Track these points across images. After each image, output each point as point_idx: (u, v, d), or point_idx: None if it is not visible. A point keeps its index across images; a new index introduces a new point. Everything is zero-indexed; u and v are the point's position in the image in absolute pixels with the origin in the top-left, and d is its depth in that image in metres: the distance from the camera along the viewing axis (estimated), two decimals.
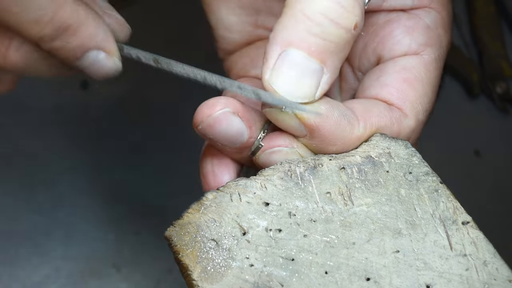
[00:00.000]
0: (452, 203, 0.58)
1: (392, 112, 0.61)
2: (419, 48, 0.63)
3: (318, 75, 0.56)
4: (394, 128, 0.61)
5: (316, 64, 0.56)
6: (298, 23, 0.55)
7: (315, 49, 0.55)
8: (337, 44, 0.56)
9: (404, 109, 0.62)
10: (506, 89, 1.04)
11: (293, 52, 0.55)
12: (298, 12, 0.55)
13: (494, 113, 1.04)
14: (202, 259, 0.56)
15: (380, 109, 0.61)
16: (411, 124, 0.62)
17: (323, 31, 0.55)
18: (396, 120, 0.61)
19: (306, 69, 0.56)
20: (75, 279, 0.94)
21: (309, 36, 0.55)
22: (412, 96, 0.62)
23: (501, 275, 0.56)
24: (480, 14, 1.07)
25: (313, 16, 0.54)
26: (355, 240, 0.57)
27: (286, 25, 0.55)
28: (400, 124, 0.61)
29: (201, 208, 0.57)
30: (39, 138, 1.00)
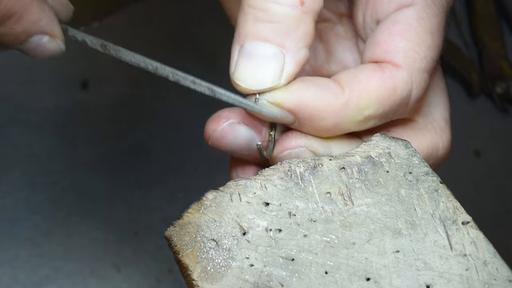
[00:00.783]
0: (452, 203, 0.58)
1: (382, 69, 0.60)
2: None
3: (278, 59, 0.57)
4: (388, 84, 0.59)
5: (273, 49, 0.56)
6: (247, 15, 0.56)
7: (267, 34, 0.56)
8: (288, 24, 0.56)
9: (395, 61, 0.60)
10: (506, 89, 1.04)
11: (248, 44, 0.56)
12: (245, 5, 0.56)
13: (494, 113, 1.04)
14: (202, 259, 0.56)
15: (368, 71, 0.59)
16: (405, 75, 0.60)
17: (268, 15, 0.56)
18: (388, 76, 0.59)
19: (264, 56, 0.56)
20: (75, 279, 0.94)
21: (258, 24, 0.56)
22: (403, 47, 0.60)
23: (501, 275, 0.56)
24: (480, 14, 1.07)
25: (256, 4, 0.56)
26: (355, 240, 0.57)
27: (239, 22, 0.57)
28: (393, 79, 0.59)
29: (201, 208, 0.57)
30: (39, 138, 1.00)
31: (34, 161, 0.99)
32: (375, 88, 0.59)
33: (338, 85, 0.58)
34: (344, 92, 0.58)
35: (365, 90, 0.59)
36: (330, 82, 0.58)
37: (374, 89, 0.59)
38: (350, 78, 0.59)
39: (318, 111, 0.58)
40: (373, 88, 0.59)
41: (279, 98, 0.57)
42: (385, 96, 0.59)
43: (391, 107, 0.60)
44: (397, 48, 0.60)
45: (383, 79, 0.59)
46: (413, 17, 0.61)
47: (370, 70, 0.60)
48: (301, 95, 0.57)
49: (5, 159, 0.99)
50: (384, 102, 0.59)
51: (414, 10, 0.61)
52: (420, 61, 0.61)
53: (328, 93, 0.58)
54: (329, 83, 0.58)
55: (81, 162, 0.99)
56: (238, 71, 0.57)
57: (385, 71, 0.60)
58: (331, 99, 0.58)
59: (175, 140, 0.99)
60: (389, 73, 0.60)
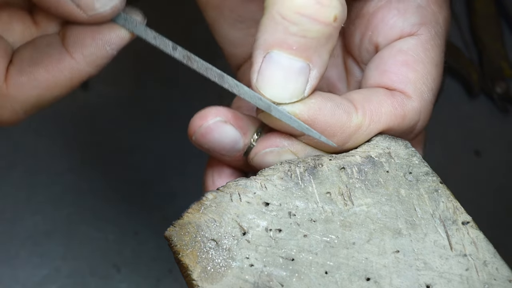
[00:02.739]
0: (452, 203, 0.58)
1: (394, 96, 0.60)
2: (413, 28, 0.62)
3: (305, 73, 0.56)
4: (398, 112, 0.60)
5: (301, 62, 0.56)
6: (277, 25, 0.55)
7: (297, 48, 0.55)
8: (319, 39, 0.55)
9: (406, 91, 0.61)
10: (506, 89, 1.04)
11: (275, 53, 0.55)
12: (275, 14, 0.55)
13: (494, 113, 1.04)
14: (202, 259, 0.56)
15: (380, 96, 0.60)
16: (416, 105, 0.61)
17: (301, 29, 0.55)
18: (399, 103, 0.60)
19: (291, 68, 0.56)
20: (75, 279, 0.94)
21: (289, 36, 0.55)
22: (413, 77, 0.61)
23: (501, 275, 0.56)
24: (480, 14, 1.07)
25: (290, 16, 0.54)
26: (355, 240, 0.57)
27: (266, 27, 0.55)
28: (404, 107, 0.60)
29: (201, 208, 0.57)
30: (39, 138, 1.00)
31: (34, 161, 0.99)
32: (386, 114, 0.60)
33: (350, 104, 0.59)
34: (358, 113, 0.59)
35: (376, 115, 0.59)
36: (345, 101, 0.59)
37: (385, 115, 0.60)
38: (363, 98, 0.59)
39: (331, 128, 0.58)
40: (384, 114, 0.59)
41: (297, 109, 0.57)
42: (394, 123, 0.60)
43: (397, 132, 0.61)
44: (407, 79, 0.61)
45: (394, 106, 0.60)
46: (419, 48, 0.62)
47: (382, 94, 0.60)
48: (318, 109, 0.57)
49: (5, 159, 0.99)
50: (393, 128, 0.60)
51: (420, 41, 0.62)
52: (427, 93, 0.62)
53: (344, 112, 0.58)
54: (345, 102, 0.58)
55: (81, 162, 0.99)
56: (263, 80, 0.56)
57: (396, 98, 0.60)
58: (345, 119, 0.58)
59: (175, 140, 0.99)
60: (400, 101, 0.60)
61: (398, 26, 0.62)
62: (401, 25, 0.62)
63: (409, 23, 0.62)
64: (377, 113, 0.59)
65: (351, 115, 0.58)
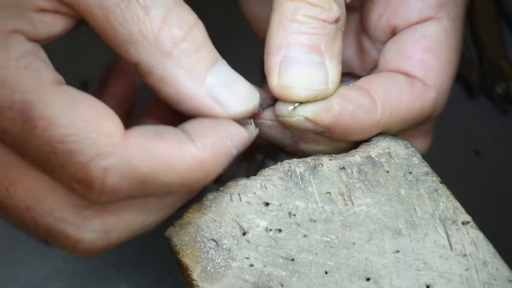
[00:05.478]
0: (452, 203, 0.58)
1: (413, 87, 0.61)
2: (432, 11, 0.63)
3: (323, 66, 0.58)
4: (417, 105, 0.61)
5: (317, 58, 0.58)
6: (287, 29, 0.58)
7: (311, 44, 0.57)
8: (327, 35, 0.58)
9: (426, 80, 0.61)
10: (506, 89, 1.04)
11: (292, 52, 0.58)
12: (282, 19, 0.58)
13: (494, 113, 1.04)
14: (202, 259, 0.56)
15: (400, 88, 0.60)
16: (434, 96, 0.61)
17: (311, 27, 0.57)
18: (417, 95, 0.61)
19: (310, 62, 0.58)
20: (75, 279, 0.94)
21: (301, 35, 0.58)
22: (435, 66, 0.62)
23: (501, 275, 0.56)
24: (480, 14, 1.07)
25: (298, 18, 0.57)
26: (355, 240, 0.57)
27: (277, 32, 0.58)
28: (422, 99, 0.61)
29: (201, 208, 0.57)
30: None
31: None
32: (405, 107, 0.60)
33: (373, 101, 0.59)
34: (378, 111, 0.59)
35: (395, 110, 0.60)
36: (367, 100, 0.59)
37: (404, 108, 0.60)
38: (383, 92, 0.60)
39: (352, 129, 0.59)
40: (403, 106, 0.60)
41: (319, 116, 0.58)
42: (413, 114, 0.61)
43: (415, 123, 0.62)
44: (428, 67, 0.62)
45: (414, 98, 0.61)
46: (441, 34, 0.62)
47: (403, 85, 0.61)
48: (340, 114, 0.58)
49: None
50: (411, 119, 0.61)
51: (441, 25, 0.62)
52: (447, 82, 0.62)
53: (364, 113, 0.59)
54: (366, 101, 0.59)
55: None
56: (285, 77, 0.58)
57: (415, 89, 0.61)
58: (366, 118, 0.59)
59: None
60: (419, 93, 0.61)
61: (417, 8, 0.63)
62: (419, 7, 0.63)
63: (428, 5, 0.63)
64: (396, 109, 0.60)
65: (371, 115, 0.59)
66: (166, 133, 0.53)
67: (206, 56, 0.55)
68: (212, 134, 0.54)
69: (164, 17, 0.54)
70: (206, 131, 0.54)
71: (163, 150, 0.52)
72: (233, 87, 0.56)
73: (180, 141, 0.53)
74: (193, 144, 0.53)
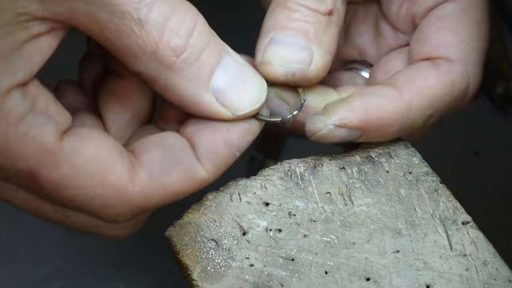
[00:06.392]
0: (452, 203, 0.58)
1: (437, 66, 0.60)
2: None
3: (308, 49, 0.58)
4: (445, 80, 0.59)
5: (303, 41, 0.58)
6: (279, 14, 0.59)
7: (299, 29, 0.58)
8: (318, 25, 0.58)
9: (449, 56, 0.60)
10: (506, 89, 1.04)
11: (279, 34, 0.58)
12: (277, 7, 0.59)
13: (494, 113, 1.04)
14: (202, 259, 0.56)
15: (423, 70, 0.60)
16: (462, 69, 0.60)
17: (302, 15, 0.58)
18: (444, 72, 0.60)
19: (295, 44, 0.58)
20: (75, 279, 0.94)
21: (291, 21, 0.58)
22: (454, 40, 0.61)
23: (501, 275, 0.56)
24: None
25: (290, 5, 0.59)
26: (355, 240, 0.57)
27: (270, 17, 0.59)
28: (449, 74, 0.60)
29: (201, 208, 0.57)
30: None
31: None
32: (434, 86, 0.59)
33: (395, 89, 0.58)
34: (404, 95, 0.58)
35: (424, 90, 0.59)
36: (387, 89, 0.59)
37: (432, 87, 0.59)
38: (406, 79, 0.59)
39: (385, 121, 0.58)
40: (431, 86, 0.59)
41: (346, 118, 0.57)
42: (444, 92, 0.59)
43: (450, 102, 0.60)
44: (448, 42, 0.61)
45: (440, 76, 0.59)
46: (457, 10, 0.62)
47: (424, 68, 0.60)
48: (366, 109, 0.57)
49: None
50: (444, 98, 0.59)
51: (456, 4, 0.62)
52: (472, 53, 0.61)
53: (390, 100, 0.58)
54: (387, 90, 0.58)
55: None
56: (267, 54, 0.58)
57: (439, 68, 0.60)
58: (394, 105, 0.58)
59: None
60: (445, 69, 0.60)
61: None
62: None
63: None
64: (424, 88, 0.59)
65: (399, 101, 0.58)
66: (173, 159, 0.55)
67: (209, 58, 0.54)
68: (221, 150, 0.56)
69: (161, 28, 0.52)
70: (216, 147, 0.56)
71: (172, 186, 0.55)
72: (239, 87, 0.56)
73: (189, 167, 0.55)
74: (202, 167, 0.55)
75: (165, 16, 0.52)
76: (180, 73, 0.54)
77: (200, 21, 0.54)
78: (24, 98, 0.52)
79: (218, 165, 0.56)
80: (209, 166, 0.55)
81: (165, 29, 0.52)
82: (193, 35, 0.53)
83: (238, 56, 0.56)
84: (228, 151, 0.56)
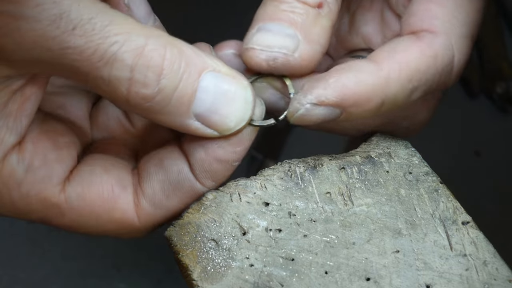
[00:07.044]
0: (452, 203, 0.58)
1: (420, 39, 0.59)
2: None
3: (294, 38, 0.58)
4: (427, 52, 0.58)
5: (289, 30, 0.58)
6: (268, 6, 0.59)
7: (286, 19, 0.58)
8: (306, 16, 0.58)
9: (433, 29, 0.60)
10: (506, 89, 1.04)
11: (267, 24, 0.58)
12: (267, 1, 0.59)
13: (494, 113, 1.04)
14: (202, 259, 0.56)
15: (405, 43, 0.59)
16: (445, 41, 0.59)
17: (290, 6, 0.58)
18: (427, 44, 0.59)
19: (280, 32, 0.58)
20: (75, 279, 0.94)
21: (279, 11, 0.58)
22: (440, 13, 0.60)
23: (501, 275, 0.56)
24: None
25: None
26: (355, 240, 0.57)
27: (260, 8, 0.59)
28: (432, 46, 0.59)
29: (201, 208, 0.57)
30: None
31: None
32: (415, 58, 0.58)
33: (374, 63, 0.58)
34: (382, 68, 0.57)
35: (404, 62, 0.58)
36: (365, 63, 0.58)
37: (414, 59, 0.58)
38: (387, 52, 0.58)
39: (362, 95, 0.57)
40: (412, 58, 0.58)
41: (322, 95, 0.56)
42: (426, 64, 0.58)
43: (434, 75, 0.59)
44: (434, 15, 0.60)
45: (422, 48, 0.58)
46: None
47: (407, 41, 0.59)
48: (342, 85, 0.56)
49: None
50: (427, 71, 0.58)
51: None
52: (459, 27, 0.60)
53: (367, 74, 0.57)
54: (364, 64, 0.58)
55: None
56: (252, 40, 0.58)
57: (423, 40, 0.59)
58: (371, 78, 0.57)
59: None
60: (428, 41, 0.59)
61: None
62: None
63: None
64: (404, 61, 0.58)
65: (375, 74, 0.57)
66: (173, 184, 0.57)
67: (185, 90, 0.54)
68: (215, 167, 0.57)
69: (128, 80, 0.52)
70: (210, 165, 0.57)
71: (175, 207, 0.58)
72: (221, 109, 0.55)
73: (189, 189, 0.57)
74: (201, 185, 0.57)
75: (130, 68, 0.51)
76: (158, 112, 0.54)
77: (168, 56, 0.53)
78: (21, 159, 0.55)
79: (216, 179, 0.57)
80: (207, 183, 0.57)
81: (133, 80, 0.52)
82: (163, 75, 0.53)
83: (222, 67, 0.55)
84: (223, 167, 0.57)
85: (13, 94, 0.53)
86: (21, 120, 0.54)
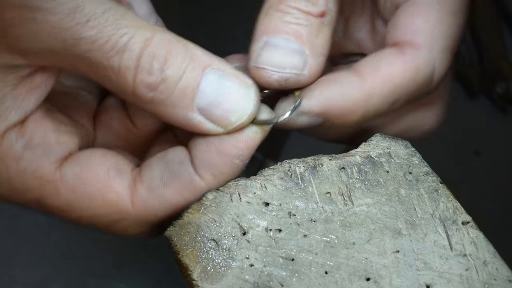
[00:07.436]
0: (452, 203, 0.58)
1: (403, 53, 0.60)
2: None
3: (302, 53, 0.58)
4: (409, 66, 0.60)
5: (296, 45, 0.58)
6: (272, 16, 0.59)
7: (292, 33, 0.58)
8: (310, 27, 0.58)
9: (416, 41, 0.61)
10: (506, 89, 1.04)
11: (273, 38, 0.58)
12: (269, 10, 0.59)
13: (494, 113, 1.04)
14: (202, 259, 0.56)
15: (389, 57, 0.60)
16: (427, 54, 0.61)
17: (294, 18, 0.58)
18: (409, 58, 0.60)
19: (288, 48, 0.58)
20: (75, 279, 0.94)
21: (284, 24, 0.58)
22: (423, 26, 0.61)
23: (501, 275, 0.56)
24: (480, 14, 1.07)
25: (283, 8, 0.59)
26: (355, 240, 0.57)
27: (262, 20, 0.59)
28: (414, 60, 0.60)
29: (201, 208, 0.57)
30: None
31: None
32: (398, 73, 0.60)
33: (358, 76, 0.59)
34: (366, 82, 0.59)
35: (387, 76, 0.59)
36: (351, 76, 0.59)
37: (397, 74, 0.60)
38: (371, 67, 0.60)
39: (346, 108, 0.59)
40: (395, 73, 0.60)
41: (307, 106, 0.58)
42: (408, 79, 0.60)
43: (416, 87, 0.61)
44: (416, 28, 0.61)
45: (405, 62, 0.60)
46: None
47: (390, 55, 0.60)
48: (327, 97, 0.58)
49: None
50: (409, 84, 0.60)
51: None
52: (441, 40, 0.61)
53: (352, 88, 0.59)
54: (350, 76, 0.59)
55: None
56: (261, 58, 0.58)
57: (405, 54, 0.60)
58: (355, 92, 0.59)
59: None
60: (410, 56, 0.60)
61: None
62: None
63: None
64: (388, 75, 0.59)
65: (361, 87, 0.59)
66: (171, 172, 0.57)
67: (190, 81, 0.55)
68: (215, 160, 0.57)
69: (134, 69, 0.54)
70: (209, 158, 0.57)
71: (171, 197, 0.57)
72: (223, 103, 0.56)
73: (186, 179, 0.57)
74: (200, 178, 0.57)
75: (137, 57, 0.53)
76: (162, 103, 0.55)
77: (173, 49, 0.55)
78: (20, 137, 0.55)
79: (215, 174, 0.57)
80: (207, 176, 0.57)
81: (139, 69, 0.54)
82: (167, 65, 0.54)
83: (226, 66, 0.56)
84: (223, 161, 0.57)
85: (23, 79, 0.54)
86: (29, 101, 0.55)
